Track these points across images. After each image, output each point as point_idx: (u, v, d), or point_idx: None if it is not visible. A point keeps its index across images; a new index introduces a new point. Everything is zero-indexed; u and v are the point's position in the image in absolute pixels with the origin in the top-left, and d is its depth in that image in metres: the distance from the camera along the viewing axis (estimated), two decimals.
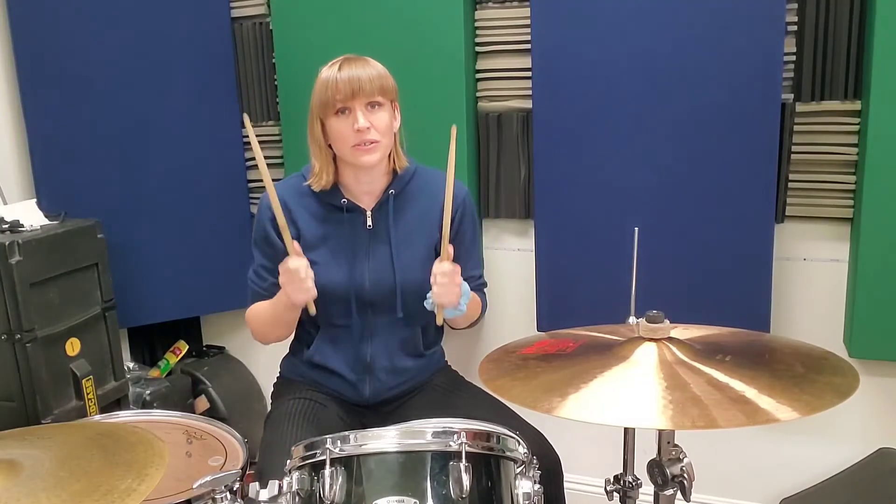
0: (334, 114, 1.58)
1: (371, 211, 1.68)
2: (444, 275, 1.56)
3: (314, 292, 1.58)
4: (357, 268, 1.68)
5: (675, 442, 1.27)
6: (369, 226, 1.68)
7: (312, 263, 1.68)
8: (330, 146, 1.65)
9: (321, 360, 1.73)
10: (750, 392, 1.11)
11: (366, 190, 1.69)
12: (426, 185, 1.72)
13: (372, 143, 1.58)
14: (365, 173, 1.66)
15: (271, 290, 1.73)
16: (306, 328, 1.77)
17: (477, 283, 1.83)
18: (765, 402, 1.08)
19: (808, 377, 1.17)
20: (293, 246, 1.56)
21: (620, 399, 1.14)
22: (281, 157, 2.50)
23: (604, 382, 1.18)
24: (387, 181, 1.70)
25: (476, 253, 1.83)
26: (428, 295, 1.59)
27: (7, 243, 1.90)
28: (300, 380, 1.79)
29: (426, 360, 1.79)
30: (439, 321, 1.63)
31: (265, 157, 2.52)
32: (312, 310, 1.62)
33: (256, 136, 2.50)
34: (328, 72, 1.60)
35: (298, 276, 1.54)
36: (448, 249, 1.57)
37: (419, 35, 2.16)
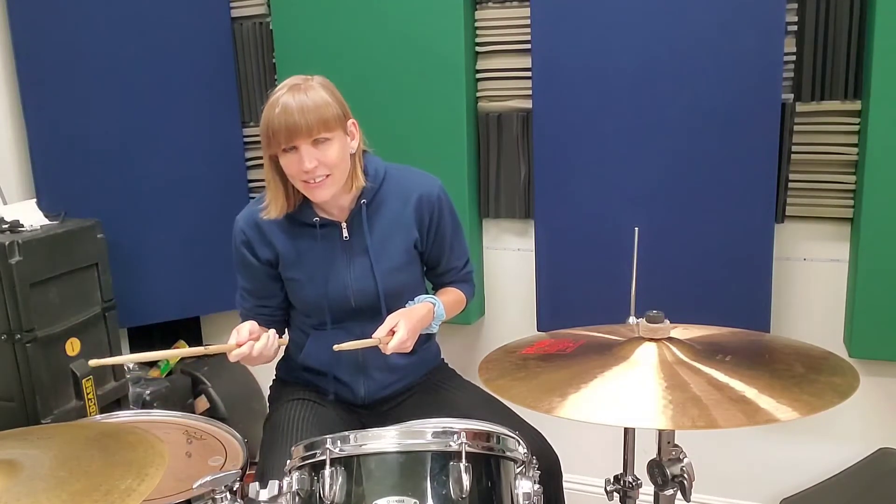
0: (282, 151, 1.54)
1: (345, 222, 1.66)
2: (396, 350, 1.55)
3: (271, 358, 1.57)
4: (339, 280, 1.66)
5: (675, 442, 1.27)
6: (346, 237, 1.66)
7: (295, 281, 1.68)
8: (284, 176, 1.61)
9: (313, 363, 1.73)
10: (750, 392, 1.11)
11: (336, 205, 1.66)
12: (398, 186, 1.69)
13: (324, 177, 1.55)
14: (321, 202, 1.63)
15: (253, 311, 1.73)
16: (299, 332, 1.77)
17: (462, 274, 1.81)
18: (765, 402, 1.08)
19: (808, 377, 1.17)
20: (227, 345, 1.53)
21: (620, 399, 1.14)
22: None
23: (604, 382, 1.18)
24: (355, 193, 1.65)
25: (458, 243, 1.78)
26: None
27: (7, 243, 1.90)
28: (296, 382, 1.79)
29: (419, 356, 1.78)
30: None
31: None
32: (285, 341, 1.66)
33: (256, 136, 2.53)
34: (271, 103, 1.52)
35: (250, 357, 1.52)
36: (383, 338, 1.55)
37: (419, 35, 2.16)
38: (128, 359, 1.56)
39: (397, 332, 1.54)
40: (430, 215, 1.69)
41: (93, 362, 1.43)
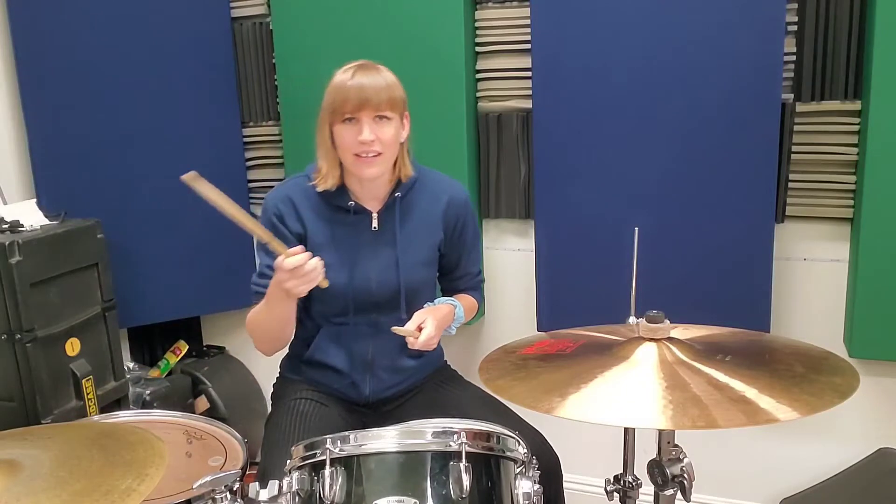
0: (341, 121, 1.59)
1: (377, 213, 1.69)
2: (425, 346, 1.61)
3: (316, 282, 1.53)
4: (363, 269, 1.68)
5: (675, 442, 1.27)
6: (375, 228, 1.69)
7: None
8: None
9: (322, 357, 1.74)
10: (750, 392, 1.11)
11: (371, 195, 1.70)
12: (429, 187, 1.74)
13: (376, 154, 1.59)
14: (368, 181, 1.67)
15: None
16: (307, 327, 1.77)
17: (475, 281, 1.86)
18: (765, 402, 1.08)
19: (808, 377, 1.17)
20: (288, 249, 1.51)
21: (620, 399, 1.14)
22: (281, 156, 2.51)
23: (604, 382, 1.18)
24: (391, 186, 1.70)
25: (475, 250, 1.86)
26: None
27: (7, 243, 1.89)
28: (300, 379, 1.79)
29: (426, 358, 1.79)
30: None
31: (265, 157, 2.56)
32: (325, 283, 1.58)
33: (256, 136, 2.54)
34: (341, 78, 1.58)
35: (302, 270, 1.49)
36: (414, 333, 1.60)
37: (419, 35, 2.16)
38: (219, 200, 1.52)
39: (425, 328, 1.59)
40: (457, 219, 1.75)
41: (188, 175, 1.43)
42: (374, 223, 1.69)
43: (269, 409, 1.81)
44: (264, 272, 1.72)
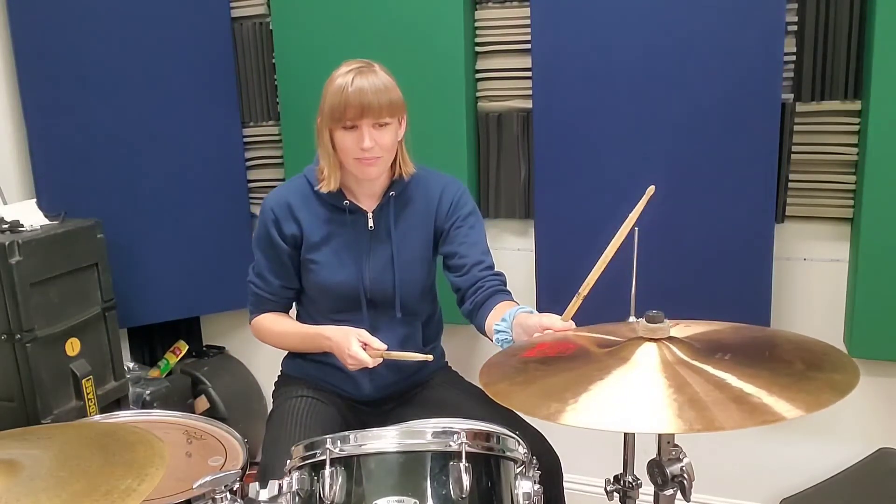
0: (342, 128, 1.59)
1: (372, 212, 1.70)
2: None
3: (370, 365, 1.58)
4: (359, 267, 1.70)
5: (675, 442, 1.27)
6: (371, 227, 1.70)
7: (314, 263, 1.69)
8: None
9: (322, 355, 1.74)
10: (750, 390, 1.11)
11: (367, 193, 1.71)
12: (425, 185, 1.75)
13: (375, 158, 1.60)
14: (367, 181, 1.68)
15: (279, 293, 1.75)
16: (311, 322, 1.78)
17: (498, 279, 1.76)
18: (765, 401, 1.08)
19: (808, 374, 1.17)
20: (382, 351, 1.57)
21: (622, 403, 1.14)
22: (281, 157, 2.50)
23: (605, 386, 1.17)
24: (387, 183, 1.72)
25: (481, 236, 1.77)
26: (501, 334, 1.57)
27: (7, 243, 1.90)
28: (302, 377, 1.80)
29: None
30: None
31: (265, 157, 2.55)
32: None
33: (256, 136, 2.54)
34: (340, 83, 1.57)
35: (363, 363, 1.57)
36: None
37: (419, 35, 2.16)
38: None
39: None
40: (450, 207, 1.73)
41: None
42: (370, 222, 1.70)
43: (270, 407, 1.82)
44: (263, 274, 1.75)
